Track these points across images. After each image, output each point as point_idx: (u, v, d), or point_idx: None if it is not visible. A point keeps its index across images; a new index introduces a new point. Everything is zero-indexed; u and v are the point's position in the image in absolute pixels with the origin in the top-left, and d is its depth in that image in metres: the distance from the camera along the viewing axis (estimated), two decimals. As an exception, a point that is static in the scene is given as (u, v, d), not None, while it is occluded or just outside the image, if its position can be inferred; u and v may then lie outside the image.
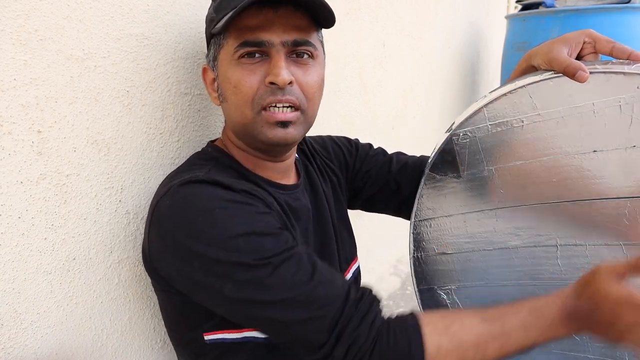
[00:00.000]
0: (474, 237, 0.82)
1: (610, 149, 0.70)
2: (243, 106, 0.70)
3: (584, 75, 0.67)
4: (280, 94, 0.69)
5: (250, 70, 0.69)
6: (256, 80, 0.69)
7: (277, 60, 0.69)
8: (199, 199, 0.64)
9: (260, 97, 0.69)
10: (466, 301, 0.86)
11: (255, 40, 0.68)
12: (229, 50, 0.71)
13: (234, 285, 0.62)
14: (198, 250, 0.62)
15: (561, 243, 0.77)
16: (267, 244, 0.63)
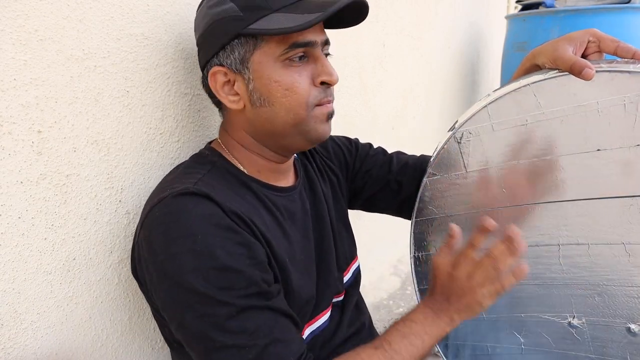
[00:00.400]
0: None
1: (615, 147, 0.70)
2: (297, 108, 0.71)
3: (590, 72, 0.67)
4: (329, 92, 0.74)
5: (299, 73, 0.71)
6: (307, 83, 0.71)
7: (325, 61, 0.72)
8: (185, 219, 0.63)
9: (314, 96, 0.72)
10: None
11: (303, 40, 0.69)
12: (273, 52, 0.69)
13: (193, 315, 0.62)
14: (170, 271, 0.62)
15: (563, 242, 0.77)
16: (238, 283, 0.62)
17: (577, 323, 0.78)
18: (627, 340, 0.75)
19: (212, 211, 0.64)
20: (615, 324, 0.76)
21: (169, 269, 0.62)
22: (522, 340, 0.83)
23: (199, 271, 0.61)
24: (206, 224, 0.63)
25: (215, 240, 0.63)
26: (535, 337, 0.82)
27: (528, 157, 0.76)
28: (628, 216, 0.71)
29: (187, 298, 0.62)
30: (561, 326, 0.80)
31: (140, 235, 0.69)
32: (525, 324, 0.83)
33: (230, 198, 0.68)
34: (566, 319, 0.79)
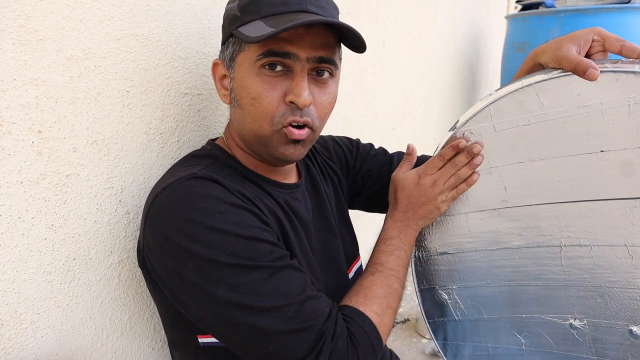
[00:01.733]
0: (477, 237, 0.82)
1: (618, 149, 0.69)
2: (262, 120, 0.69)
3: (594, 73, 0.66)
4: (299, 114, 0.69)
5: (270, 85, 0.68)
6: (276, 97, 0.68)
7: (299, 80, 0.67)
8: (198, 199, 0.64)
9: (281, 115, 0.68)
10: (467, 301, 0.86)
11: (280, 50, 0.66)
12: (250, 57, 0.68)
13: (228, 288, 0.61)
14: (195, 251, 0.62)
15: (565, 244, 0.76)
16: (263, 249, 0.64)
17: (579, 324, 0.78)
18: (629, 342, 0.75)
19: (222, 192, 0.66)
20: (617, 325, 0.75)
21: (192, 249, 0.62)
22: (522, 341, 0.83)
23: (223, 247, 0.62)
24: (219, 202, 0.64)
25: (231, 216, 0.64)
26: (536, 338, 0.82)
27: (530, 158, 0.76)
28: (631, 218, 0.71)
29: (216, 273, 0.62)
30: (562, 327, 0.79)
31: (146, 226, 0.68)
32: (526, 324, 0.82)
33: (235, 184, 0.69)
34: (567, 320, 0.79)
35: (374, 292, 0.73)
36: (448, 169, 0.78)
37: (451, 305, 0.87)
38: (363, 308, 0.70)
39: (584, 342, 0.78)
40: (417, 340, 1.89)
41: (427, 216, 0.81)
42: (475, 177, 0.78)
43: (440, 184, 0.79)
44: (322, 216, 0.87)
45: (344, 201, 0.96)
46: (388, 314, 0.73)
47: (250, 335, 0.63)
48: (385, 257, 0.79)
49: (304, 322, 0.63)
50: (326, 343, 0.63)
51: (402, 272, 0.79)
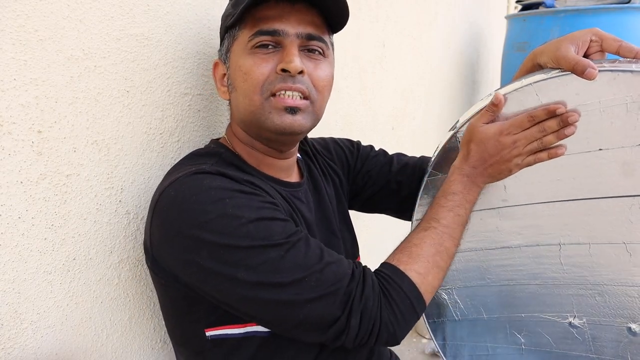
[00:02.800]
0: (476, 236, 0.82)
1: (616, 147, 0.70)
2: (252, 92, 0.71)
3: (593, 72, 0.67)
4: (291, 81, 0.70)
5: (262, 59, 0.71)
6: (268, 68, 0.70)
7: (290, 49, 0.70)
8: (206, 189, 0.65)
9: (270, 83, 0.70)
10: (467, 301, 0.86)
11: (269, 28, 0.69)
12: (243, 41, 0.72)
13: (247, 270, 0.63)
14: (208, 239, 0.63)
15: (564, 242, 0.77)
16: (276, 228, 0.65)
17: (578, 323, 0.78)
18: (627, 339, 0.75)
19: (229, 182, 0.67)
20: (615, 323, 0.76)
21: (205, 237, 0.63)
22: (522, 340, 0.83)
23: (236, 231, 0.63)
24: (226, 190, 0.65)
25: (240, 200, 0.65)
26: (536, 337, 0.82)
27: None
28: (629, 215, 0.71)
29: (233, 257, 0.63)
30: (561, 326, 0.80)
31: (154, 222, 0.68)
32: (525, 324, 0.83)
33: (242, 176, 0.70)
34: (567, 319, 0.79)
35: (421, 250, 0.72)
36: (534, 132, 0.72)
37: (451, 305, 0.87)
38: (404, 267, 0.70)
39: (583, 341, 0.78)
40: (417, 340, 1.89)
41: (495, 176, 0.77)
42: (561, 150, 0.72)
43: (520, 146, 0.73)
44: (323, 216, 0.87)
45: (345, 201, 0.96)
46: (434, 272, 0.71)
47: (277, 310, 0.65)
48: (444, 212, 0.76)
49: (328, 288, 0.64)
50: (355, 304, 0.65)
51: (459, 230, 0.77)
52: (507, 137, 0.73)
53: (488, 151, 0.75)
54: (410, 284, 0.69)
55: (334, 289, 0.64)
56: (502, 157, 0.74)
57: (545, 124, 0.71)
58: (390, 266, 0.71)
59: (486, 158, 0.75)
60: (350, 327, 0.65)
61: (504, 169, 0.76)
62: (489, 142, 0.75)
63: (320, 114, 0.77)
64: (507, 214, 0.79)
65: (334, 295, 0.64)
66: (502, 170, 0.76)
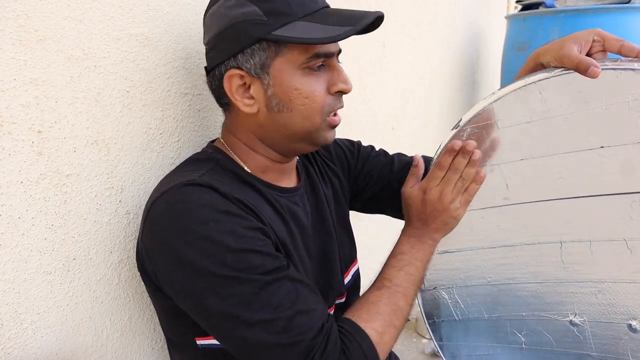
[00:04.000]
0: (478, 235, 0.82)
1: (618, 144, 0.70)
2: (314, 115, 0.73)
3: (596, 71, 0.68)
4: (341, 101, 0.76)
5: (316, 81, 0.72)
6: (323, 91, 0.73)
7: (341, 70, 0.75)
8: (194, 207, 0.64)
9: (329, 105, 0.74)
10: (467, 300, 0.86)
11: (325, 52, 0.72)
12: (295, 60, 0.70)
13: (216, 298, 0.62)
14: (187, 258, 0.62)
15: (565, 240, 0.77)
16: (254, 262, 0.63)
17: (579, 321, 0.78)
18: (628, 337, 0.76)
19: (218, 200, 0.65)
20: (616, 321, 0.76)
21: (184, 256, 0.62)
22: (523, 340, 0.83)
23: (215, 257, 0.62)
24: (214, 211, 0.64)
25: (226, 226, 0.64)
26: (537, 336, 0.82)
27: (532, 155, 0.76)
28: (630, 212, 0.72)
29: (207, 283, 0.62)
30: (562, 324, 0.80)
31: (145, 230, 0.68)
32: (526, 322, 0.83)
33: (235, 190, 0.68)
34: (567, 317, 0.79)
35: (378, 308, 0.73)
36: (451, 175, 0.77)
37: (451, 305, 0.87)
38: (364, 324, 0.70)
39: (584, 339, 0.78)
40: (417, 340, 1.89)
41: (442, 228, 0.80)
42: (482, 173, 0.77)
43: (447, 194, 0.77)
44: (320, 219, 0.87)
45: (344, 203, 0.96)
46: (390, 332, 0.72)
47: (239, 345, 0.64)
48: (395, 272, 0.78)
49: (293, 337, 0.63)
50: (315, 358, 0.63)
51: (411, 289, 0.77)
52: (430, 192, 0.78)
53: (422, 212, 0.79)
54: (368, 342, 0.68)
55: (299, 339, 0.63)
56: (437, 211, 0.78)
57: (455, 163, 0.76)
58: (350, 322, 0.70)
59: (424, 218, 0.80)
60: None
61: (447, 219, 0.78)
62: (417, 205, 0.80)
63: None
64: (508, 212, 0.79)
65: (296, 345, 0.63)
66: (447, 221, 0.79)
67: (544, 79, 0.72)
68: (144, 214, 0.70)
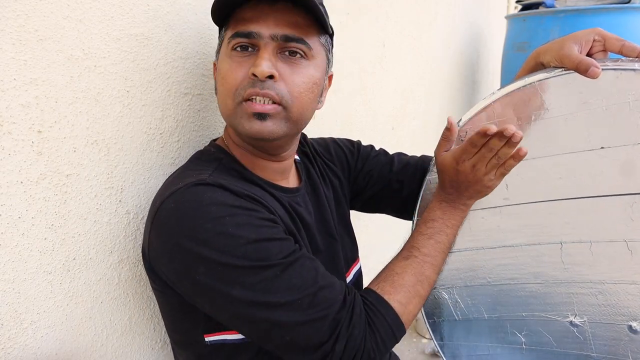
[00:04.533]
0: (478, 235, 0.82)
1: (619, 145, 0.70)
2: (227, 97, 0.71)
3: (596, 71, 0.67)
4: (260, 86, 0.68)
5: (238, 63, 0.70)
6: (242, 73, 0.69)
7: (261, 53, 0.69)
8: (206, 205, 0.64)
9: (242, 87, 0.69)
10: (468, 300, 0.86)
11: (244, 30, 0.69)
12: (226, 43, 0.72)
13: (242, 288, 0.63)
14: (205, 255, 0.62)
15: (565, 240, 0.77)
16: (273, 249, 0.65)
17: (579, 322, 0.78)
18: (628, 338, 0.76)
19: (230, 197, 0.66)
20: (616, 322, 0.76)
21: (203, 254, 0.62)
22: (523, 340, 0.83)
23: (234, 250, 0.63)
24: (228, 207, 0.65)
25: (242, 219, 0.64)
26: (537, 336, 0.82)
27: (532, 156, 0.76)
28: (630, 214, 0.71)
29: (230, 276, 0.63)
30: (562, 325, 0.80)
31: (153, 231, 0.68)
32: (526, 323, 0.83)
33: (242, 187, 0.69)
34: (567, 318, 0.79)
35: (403, 279, 0.73)
36: (485, 153, 0.73)
37: (451, 304, 0.87)
38: (388, 296, 0.71)
39: (584, 339, 0.78)
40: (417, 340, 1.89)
41: (476, 195, 0.78)
42: (522, 151, 0.71)
43: (481, 167, 0.74)
44: (322, 219, 0.87)
45: (345, 203, 0.96)
46: (414, 302, 0.73)
47: (267, 328, 0.65)
48: (424, 240, 0.77)
49: (318, 312, 0.64)
50: (342, 330, 0.65)
51: (440, 257, 0.78)
52: (463, 164, 0.75)
53: (454, 180, 0.77)
54: (393, 314, 0.70)
55: (325, 313, 0.65)
56: (469, 181, 0.76)
57: (490, 143, 0.71)
58: (374, 294, 0.72)
59: (456, 186, 0.78)
60: (335, 352, 0.65)
61: (480, 188, 0.76)
62: (450, 173, 0.77)
63: (300, 120, 0.74)
64: (508, 212, 0.79)
65: (323, 320, 0.65)
66: (480, 189, 0.77)
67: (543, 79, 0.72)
68: (150, 214, 0.70)
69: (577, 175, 0.74)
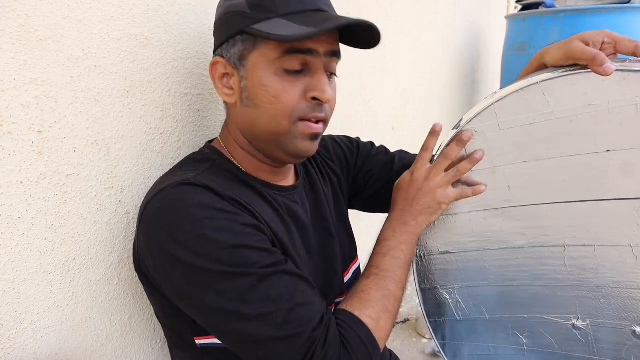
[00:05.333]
0: (479, 237, 0.82)
1: (625, 148, 0.69)
2: (281, 117, 0.70)
3: (611, 67, 0.64)
4: (319, 110, 0.71)
5: (290, 82, 0.69)
6: (297, 94, 0.69)
7: (321, 76, 0.70)
8: (188, 206, 0.63)
9: (300, 110, 0.69)
10: (469, 301, 0.86)
11: (301, 47, 0.67)
12: (268, 55, 0.68)
13: (215, 295, 0.62)
14: (182, 258, 0.62)
15: (569, 244, 0.76)
16: (251, 257, 0.63)
17: (581, 325, 0.78)
18: (632, 342, 0.75)
19: (214, 198, 0.65)
20: (620, 326, 0.75)
21: (180, 256, 0.62)
22: (524, 341, 0.83)
23: (210, 254, 0.61)
24: (209, 209, 0.64)
25: (221, 223, 0.63)
26: (538, 338, 0.82)
27: (535, 157, 0.75)
28: (636, 218, 0.70)
29: (204, 280, 0.62)
30: (565, 327, 0.79)
31: (140, 230, 0.68)
32: (528, 324, 0.82)
33: (230, 190, 0.68)
34: (570, 321, 0.78)
35: (369, 295, 0.72)
36: (440, 160, 0.76)
37: (452, 304, 0.87)
38: (358, 312, 0.69)
39: (586, 343, 0.78)
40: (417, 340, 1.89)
41: (425, 211, 0.79)
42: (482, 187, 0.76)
43: (435, 177, 0.77)
44: (320, 217, 0.86)
45: (344, 202, 0.96)
46: (385, 317, 0.71)
47: (239, 340, 0.63)
48: (380, 258, 0.77)
49: (293, 329, 0.62)
50: (317, 350, 0.63)
51: (399, 272, 0.76)
52: (417, 173, 0.79)
53: (408, 191, 0.80)
54: (365, 330, 0.68)
55: (300, 331, 0.63)
56: (421, 191, 0.78)
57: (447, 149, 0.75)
58: (344, 313, 0.70)
59: (409, 198, 0.80)
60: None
61: (429, 202, 0.78)
62: (405, 185, 0.81)
63: None
64: (510, 214, 0.79)
65: (298, 337, 0.62)
66: (430, 204, 0.78)
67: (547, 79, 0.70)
68: (139, 214, 0.70)
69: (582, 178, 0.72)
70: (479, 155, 0.75)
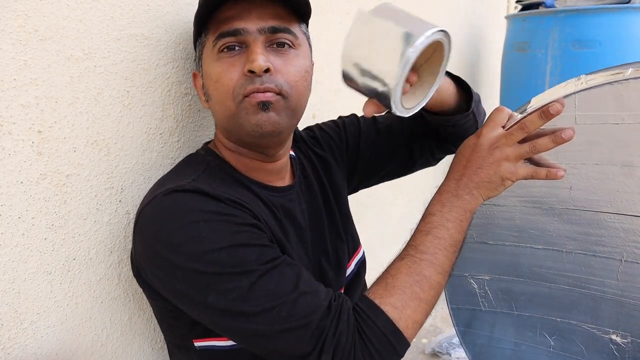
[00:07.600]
0: (524, 232, 0.77)
1: None
2: (225, 99, 0.69)
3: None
4: (259, 81, 0.67)
5: (229, 64, 0.68)
6: (236, 73, 0.68)
7: (253, 47, 0.67)
8: (181, 211, 0.63)
9: (240, 86, 0.68)
10: (498, 294, 0.82)
11: (230, 29, 0.68)
12: (209, 46, 0.71)
13: (216, 295, 0.61)
14: (180, 262, 0.62)
15: (627, 259, 0.70)
16: (250, 255, 0.62)
17: (620, 341, 0.74)
18: None
19: (208, 202, 0.64)
20: None
21: (177, 261, 0.62)
22: (552, 343, 0.80)
23: (208, 256, 0.61)
24: (202, 212, 0.63)
25: (217, 225, 0.63)
26: (568, 343, 0.78)
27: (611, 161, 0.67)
28: None
29: (204, 282, 0.62)
30: (601, 340, 0.75)
31: (135, 237, 0.68)
32: (559, 328, 0.79)
33: (229, 191, 0.68)
34: (608, 334, 0.74)
35: (396, 281, 0.65)
36: (515, 130, 0.63)
37: (479, 294, 0.83)
38: (379, 300, 0.64)
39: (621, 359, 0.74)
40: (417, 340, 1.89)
41: (484, 185, 0.67)
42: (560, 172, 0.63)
43: (503, 148, 0.65)
44: (317, 214, 0.86)
45: (343, 190, 0.94)
46: (413, 305, 0.64)
47: (247, 337, 0.63)
48: (421, 237, 0.68)
49: (299, 320, 0.61)
50: (327, 339, 0.61)
51: (440, 255, 0.66)
52: (484, 138, 0.67)
53: (468, 159, 0.68)
54: (385, 319, 0.62)
55: (306, 322, 0.61)
56: (484, 161, 0.66)
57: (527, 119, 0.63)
58: (365, 300, 0.65)
59: (468, 166, 0.68)
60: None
61: (491, 175, 0.66)
62: (467, 150, 0.69)
63: (298, 109, 0.73)
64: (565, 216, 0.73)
65: (305, 328, 0.60)
66: (491, 177, 0.66)
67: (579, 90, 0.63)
68: (135, 219, 0.70)
69: None
70: (567, 135, 0.61)
